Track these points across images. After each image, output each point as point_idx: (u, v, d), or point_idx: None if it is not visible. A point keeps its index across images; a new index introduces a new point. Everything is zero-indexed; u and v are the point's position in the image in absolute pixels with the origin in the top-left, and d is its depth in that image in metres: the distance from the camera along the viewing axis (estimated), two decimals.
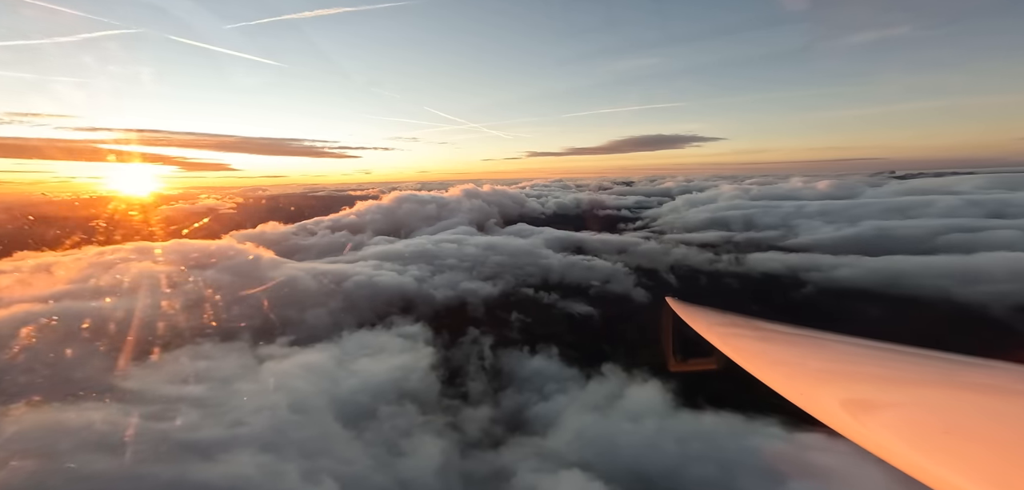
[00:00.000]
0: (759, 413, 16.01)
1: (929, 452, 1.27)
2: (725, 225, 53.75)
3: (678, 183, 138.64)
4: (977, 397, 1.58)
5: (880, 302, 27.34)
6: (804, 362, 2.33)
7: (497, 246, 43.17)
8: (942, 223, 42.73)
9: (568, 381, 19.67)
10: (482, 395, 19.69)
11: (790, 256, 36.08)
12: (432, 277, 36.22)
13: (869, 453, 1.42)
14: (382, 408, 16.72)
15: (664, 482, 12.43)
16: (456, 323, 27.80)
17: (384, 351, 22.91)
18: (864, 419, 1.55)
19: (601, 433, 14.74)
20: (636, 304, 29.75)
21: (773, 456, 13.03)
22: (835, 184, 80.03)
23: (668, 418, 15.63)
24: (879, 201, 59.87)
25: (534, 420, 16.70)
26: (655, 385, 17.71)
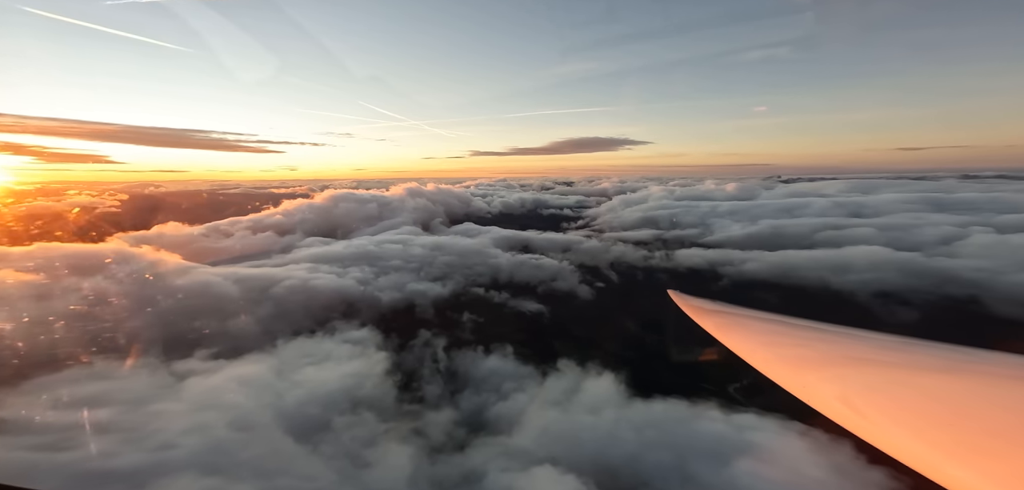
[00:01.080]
0: (700, 398, 17.38)
1: (932, 445, 1.25)
2: (655, 224, 57.21)
3: (614, 184, 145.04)
4: (979, 389, 1.58)
5: (778, 291, 30.32)
6: (804, 354, 2.31)
7: (445, 246, 42.15)
8: (818, 222, 48.46)
9: (525, 379, 19.66)
10: (440, 398, 19.07)
11: (709, 252, 39.03)
12: (376, 279, 34.48)
13: (868, 445, 1.40)
14: (337, 419, 15.65)
15: (626, 470, 12.72)
16: (406, 326, 26.74)
17: (330, 359, 21.45)
18: (864, 411, 1.53)
19: (564, 428, 14.86)
20: (582, 301, 30.49)
21: (717, 438, 13.80)
22: (739, 187, 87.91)
23: (624, 409, 16.08)
24: (772, 202, 66.71)
25: (497, 420, 16.47)
26: (608, 378, 18.23)
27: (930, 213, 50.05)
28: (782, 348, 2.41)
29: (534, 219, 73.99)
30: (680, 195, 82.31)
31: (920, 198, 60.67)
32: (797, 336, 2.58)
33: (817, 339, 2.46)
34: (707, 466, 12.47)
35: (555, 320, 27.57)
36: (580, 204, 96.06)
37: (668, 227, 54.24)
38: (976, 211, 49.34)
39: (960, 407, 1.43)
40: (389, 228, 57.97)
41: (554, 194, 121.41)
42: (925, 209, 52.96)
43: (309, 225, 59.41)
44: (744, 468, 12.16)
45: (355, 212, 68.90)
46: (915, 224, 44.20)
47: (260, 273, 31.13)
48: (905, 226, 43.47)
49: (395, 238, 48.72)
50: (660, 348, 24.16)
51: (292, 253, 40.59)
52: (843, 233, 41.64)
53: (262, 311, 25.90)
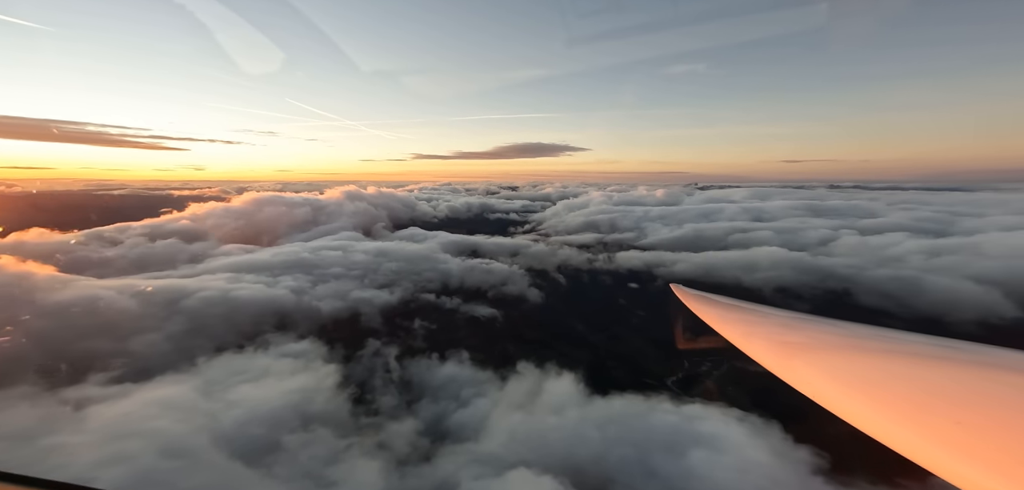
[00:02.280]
0: (652, 391, 18.39)
1: (937, 441, 1.26)
2: (596, 227, 59.38)
3: (557, 189, 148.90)
4: (985, 385, 1.59)
5: (705, 289, 32.69)
6: (794, 343, 2.37)
7: (390, 252, 40.26)
8: (729, 226, 53.16)
9: (484, 384, 19.32)
10: (398, 409, 18.10)
11: (644, 254, 41.12)
12: (314, 288, 32.09)
13: (864, 435, 1.46)
14: (287, 437, 14.27)
15: (594, 469, 12.88)
16: (352, 336, 25.21)
17: (268, 375, 19.41)
18: (849, 396, 1.60)
19: (531, 430, 14.69)
20: (533, 304, 30.64)
21: (671, 430, 14.40)
22: (666, 193, 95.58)
23: (585, 407, 16.31)
24: (693, 208, 72.40)
25: (460, 427, 15.92)
26: (568, 378, 18.42)
27: (811, 218, 57.84)
28: (774, 338, 2.48)
29: (481, 223, 73.57)
30: (617, 200, 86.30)
31: (802, 205, 69.94)
32: (788, 327, 2.69)
33: (806, 329, 2.59)
34: (666, 458, 12.99)
35: (508, 324, 27.50)
36: (525, 208, 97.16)
37: (609, 231, 56.27)
38: (843, 216, 58.10)
39: (949, 395, 1.48)
40: (326, 234, 54.07)
41: (500, 198, 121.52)
42: (806, 214, 61.04)
43: (226, 231, 52.92)
44: (699, 458, 12.85)
45: (284, 217, 63.02)
46: (800, 227, 50.54)
47: (165, 285, 27.52)
48: (794, 229, 49.43)
49: (333, 244, 45.66)
50: (610, 347, 25.18)
51: (205, 262, 36.47)
52: (749, 235, 46.46)
53: (172, 327, 23.01)
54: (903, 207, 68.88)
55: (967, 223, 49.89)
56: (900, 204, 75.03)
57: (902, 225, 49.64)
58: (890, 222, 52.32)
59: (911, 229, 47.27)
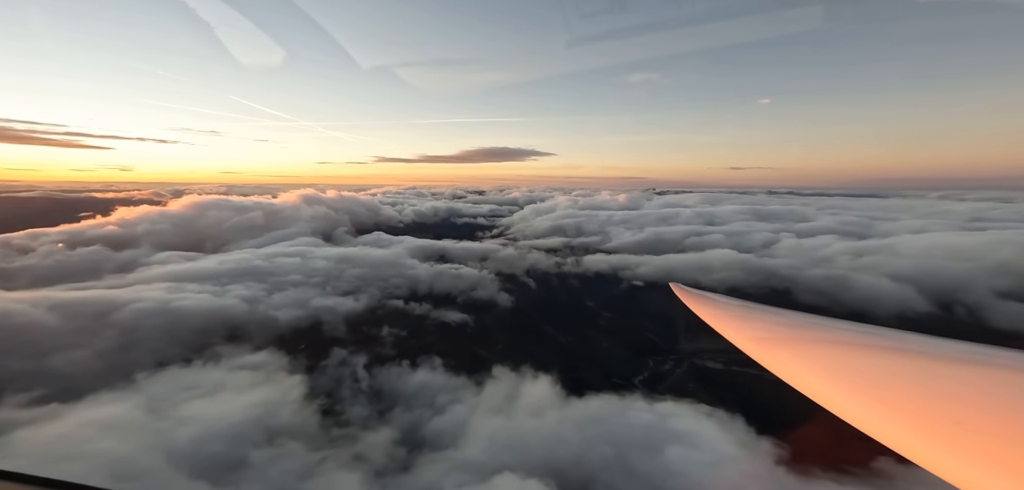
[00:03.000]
0: (622, 391, 18.92)
1: (937, 441, 1.25)
2: (563, 231, 60.31)
3: (523, 193, 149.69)
4: (985, 385, 1.59)
5: (666, 290, 34.48)
6: (788, 339, 2.39)
7: (354, 258, 38.71)
8: (686, 229, 55.82)
9: (459, 390, 19.00)
10: (370, 419, 17.40)
11: (610, 257, 42.17)
12: (269, 296, 30.39)
13: (862, 435, 1.46)
14: (254, 453, 13.39)
15: (575, 470, 12.96)
16: (315, 345, 24.13)
17: (224, 389, 18.17)
18: (862, 403, 1.58)
19: (512, 434, 14.56)
20: (504, 308, 30.49)
21: (646, 428, 14.80)
22: (628, 198, 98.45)
23: (563, 409, 16.42)
24: (653, 212, 75.36)
25: (438, 434, 15.52)
26: (544, 381, 18.47)
27: (755, 222, 61.93)
28: (773, 337, 2.48)
29: (448, 228, 72.33)
30: (583, 205, 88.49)
31: (747, 209, 74.68)
32: (788, 326, 2.71)
33: (805, 329, 2.62)
34: (644, 457, 13.30)
35: (480, 329, 27.25)
36: (493, 213, 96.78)
37: (575, 235, 57.34)
38: (782, 220, 62.67)
39: (949, 395, 1.49)
40: (281, 239, 51.03)
41: (467, 203, 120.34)
42: (751, 218, 65.41)
43: (162, 237, 48.56)
44: (675, 455, 13.25)
45: (232, 222, 58.82)
46: (747, 231, 53.89)
47: (90, 297, 25.24)
48: (741, 232, 52.64)
49: (291, 250, 43.33)
50: (581, 349, 25.49)
51: (137, 271, 33.60)
52: (703, 239, 49.04)
53: (102, 343, 21.13)
54: (830, 212, 75.70)
55: (883, 226, 55.53)
56: (828, 209, 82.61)
57: (831, 228, 54.32)
58: (821, 226, 57.00)
59: (838, 232, 51.67)
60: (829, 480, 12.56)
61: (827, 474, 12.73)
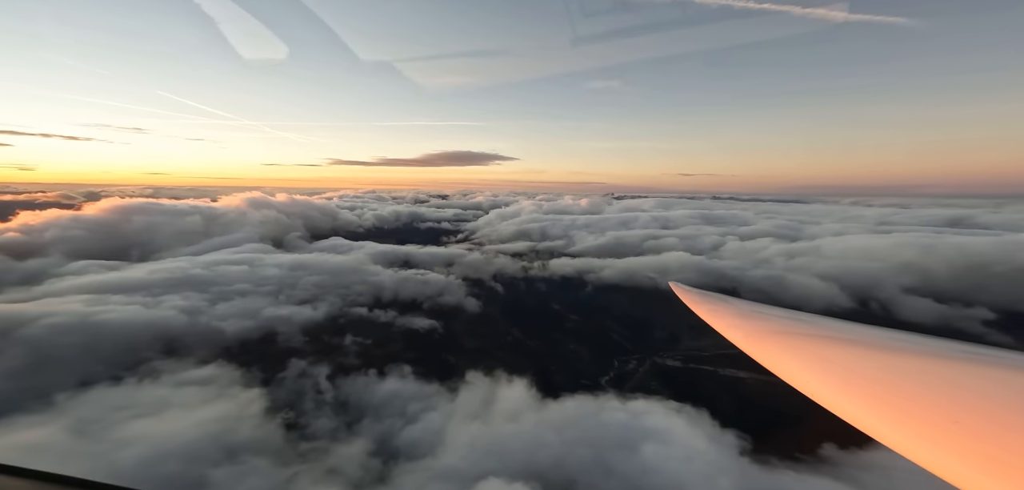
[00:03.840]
0: (594, 391, 19.34)
1: (936, 441, 1.25)
2: (528, 236, 61.00)
3: (487, 197, 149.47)
4: (984, 385, 1.59)
5: (628, 292, 35.27)
6: (786, 338, 2.42)
7: (310, 264, 36.71)
8: (644, 233, 58.08)
9: (432, 397, 18.64)
10: (337, 431, 16.61)
11: (575, 261, 43.11)
12: (213, 307, 28.42)
13: (858, 433, 1.46)
14: (214, 472, 12.61)
15: (556, 472, 13.04)
16: (270, 357, 22.90)
17: (169, 406, 16.91)
18: (860, 402, 1.59)
19: (491, 440, 14.43)
20: (472, 313, 30.19)
21: (621, 427, 15.13)
22: (590, 202, 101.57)
23: (540, 412, 16.51)
24: (613, 216, 77.34)
25: (413, 444, 15.07)
26: (519, 385, 18.50)
27: (705, 225, 65.52)
28: (771, 336, 2.49)
29: (411, 233, 70.65)
30: (547, 209, 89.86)
31: (697, 213, 78.92)
32: (786, 325, 2.74)
33: (803, 328, 2.64)
34: (621, 456, 13.59)
35: (449, 334, 26.81)
36: (458, 217, 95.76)
37: (540, 239, 58.23)
38: (727, 224, 66.83)
39: (947, 395, 1.49)
40: (224, 246, 47.40)
41: (430, 207, 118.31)
42: (701, 222, 69.19)
43: (76, 245, 43.40)
44: (650, 452, 13.60)
45: (163, 227, 53.78)
46: (697, 234, 56.99)
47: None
48: (693, 236, 55.68)
49: (236, 257, 40.44)
50: (549, 352, 25.69)
51: (46, 283, 30.21)
52: (660, 242, 51.34)
53: (8, 362, 19.17)
54: (767, 216, 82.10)
55: (810, 230, 60.78)
56: (764, 213, 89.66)
57: (768, 231, 58.55)
58: (760, 229, 61.14)
59: (774, 235, 55.31)
60: (788, 468, 13.60)
61: (785, 462, 13.79)
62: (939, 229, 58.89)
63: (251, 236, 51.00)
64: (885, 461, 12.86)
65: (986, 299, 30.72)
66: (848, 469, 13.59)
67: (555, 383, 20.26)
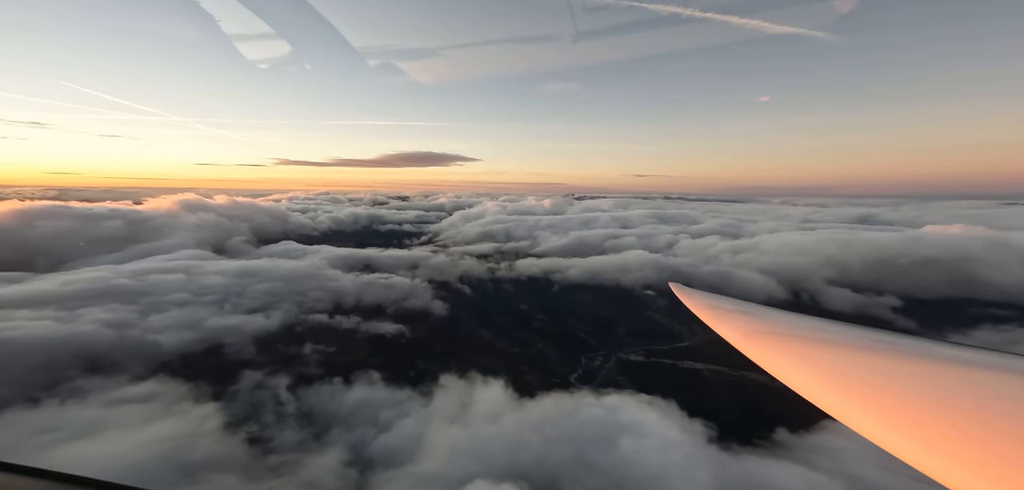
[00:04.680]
0: (563, 389, 19.66)
1: (931, 443, 1.26)
2: (493, 237, 61.20)
3: (450, 199, 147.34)
4: (979, 389, 1.59)
5: (592, 291, 36.33)
6: (783, 339, 2.44)
7: (260, 271, 34.42)
8: (605, 232, 59.95)
9: (405, 402, 18.31)
10: (305, 442, 15.90)
11: (541, 261, 43.69)
12: (144, 319, 26.30)
13: (852, 432, 1.49)
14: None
15: (539, 471, 13.17)
16: (218, 370, 21.69)
17: (105, 427, 15.63)
18: (855, 404, 1.61)
19: (472, 442, 14.44)
20: (441, 316, 29.85)
21: (598, 422, 15.46)
22: (553, 203, 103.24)
23: (518, 412, 16.67)
24: (576, 217, 79.19)
25: (390, 451, 14.72)
26: (494, 386, 18.60)
27: (660, 225, 68.76)
28: (769, 336, 2.54)
29: (371, 235, 68.40)
30: (511, 210, 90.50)
31: (652, 213, 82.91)
32: (785, 326, 2.78)
33: (801, 329, 2.70)
34: (601, 451, 13.84)
35: (417, 339, 26.30)
36: (420, 219, 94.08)
37: (505, 240, 58.57)
38: (679, 223, 70.54)
39: (942, 398, 1.50)
40: (153, 253, 43.25)
41: (390, 209, 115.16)
42: (656, 222, 72.48)
43: None
44: (628, 446, 13.96)
45: (76, 233, 48.13)
46: (654, 233, 59.73)
47: None
48: (649, 235, 58.17)
49: (169, 265, 37.25)
50: (519, 352, 25.86)
51: None
52: (620, 241, 53.21)
53: None
54: (712, 215, 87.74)
55: (749, 227, 65.75)
56: (710, 212, 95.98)
57: (715, 230, 62.46)
58: (707, 227, 65.33)
59: (720, 233, 59.15)
60: (751, 454, 14.58)
61: (746, 448, 14.84)
62: (852, 226, 66.83)
63: (186, 242, 46.70)
64: (832, 443, 14.60)
65: (893, 288, 34.94)
66: (801, 452, 14.86)
67: (528, 383, 20.53)
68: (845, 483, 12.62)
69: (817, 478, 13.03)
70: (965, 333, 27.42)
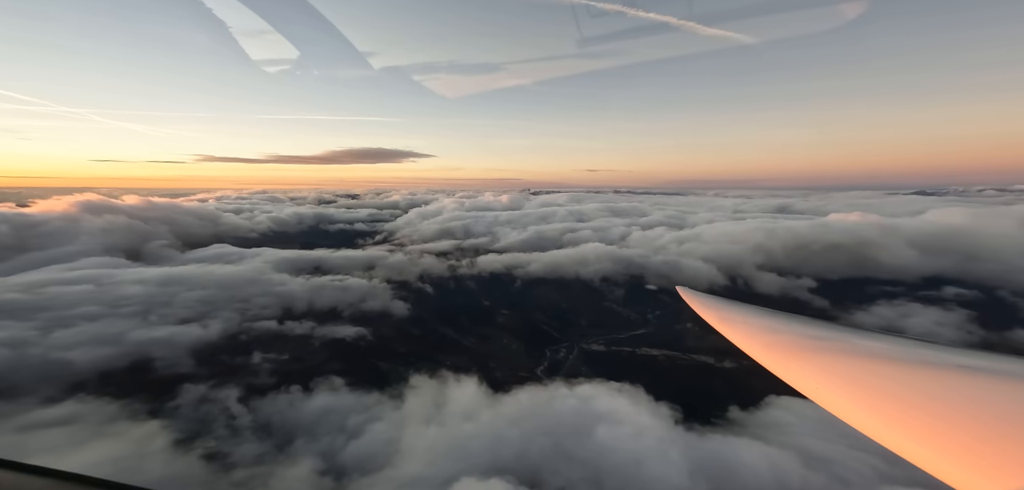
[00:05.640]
0: (537, 381, 20.27)
1: (924, 442, 1.31)
2: (452, 234, 60.66)
3: (404, 197, 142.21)
4: (986, 392, 1.60)
5: (554, 285, 37.28)
6: (791, 345, 2.46)
7: (189, 278, 31.65)
8: (562, 226, 61.42)
9: (374, 407, 18.07)
10: (267, 454, 15.25)
11: (502, 257, 43.87)
12: (46, 336, 23.96)
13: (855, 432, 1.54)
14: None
15: (521, 465, 13.37)
16: (152, 386, 19.80)
17: (27, 452, 14.61)
18: (840, 395, 1.67)
19: (450, 441, 14.58)
20: (403, 317, 29.41)
21: (572, 413, 15.87)
22: (510, 198, 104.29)
23: (494, 407, 16.94)
24: (533, 212, 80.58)
25: (366, 456, 14.55)
26: (468, 382, 18.80)
27: (612, 217, 71.94)
28: (771, 339, 2.60)
29: (319, 236, 65.13)
30: (469, 206, 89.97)
31: (604, 207, 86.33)
32: (786, 329, 2.83)
33: (803, 332, 2.75)
34: (578, 440, 14.34)
35: (380, 341, 25.71)
36: (373, 218, 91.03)
37: (463, 237, 58.24)
38: (630, 216, 74.03)
39: (941, 398, 1.53)
40: (49, 262, 38.25)
41: (339, 208, 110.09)
42: (609, 215, 75.68)
43: None
44: (604, 433, 14.52)
45: None
46: (608, 226, 62.15)
47: None
48: (604, 227, 60.38)
49: (73, 275, 33.46)
50: (486, 348, 26.32)
51: None
52: (577, 235, 54.77)
53: None
54: (659, 207, 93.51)
55: (691, 218, 70.21)
56: (657, 205, 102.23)
57: (662, 221, 65.83)
58: (655, 219, 68.98)
59: (667, 224, 62.69)
60: (712, 432, 15.63)
61: (707, 427, 15.96)
62: (773, 215, 74.55)
63: (91, 248, 41.49)
64: (779, 418, 16.24)
65: (809, 270, 39.40)
66: (755, 428, 16.23)
67: (497, 379, 20.89)
68: (796, 455, 13.72)
69: (773, 452, 14.06)
70: (866, 309, 31.22)
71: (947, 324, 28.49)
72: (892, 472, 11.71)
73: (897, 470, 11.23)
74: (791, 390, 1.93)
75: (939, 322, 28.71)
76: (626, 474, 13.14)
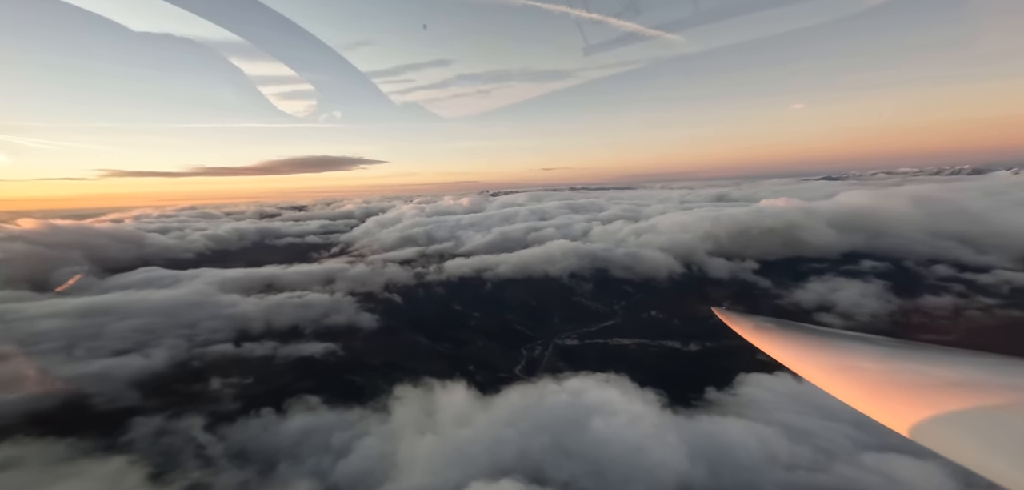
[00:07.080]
0: (511, 381, 20.78)
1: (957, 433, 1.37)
2: (415, 241, 60.32)
3: (358, 205, 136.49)
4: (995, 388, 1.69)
5: (525, 285, 38.35)
6: (832, 359, 2.55)
7: (117, 306, 29.40)
8: (526, 226, 62.96)
9: (359, 422, 18.12)
10: (249, 483, 14.86)
11: (469, 260, 44.33)
12: None
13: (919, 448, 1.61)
14: None
15: (523, 464, 13.74)
16: (96, 423, 18.65)
17: None
18: (889, 408, 1.75)
19: (449, 449, 14.93)
20: (372, 329, 29.25)
21: (565, 407, 16.39)
22: (471, 201, 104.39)
23: (487, 410, 17.42)
24: (495, 213, 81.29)
25: (361, 473, 14.69)
26: (456, 387, 19.27)
27: (573, 214, 74.47)
28: (817, 357, 2.66)
29: (266, 252, 62.11)
30: (430, 212, 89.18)
31: (564, 204, 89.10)
32: (825, 344, 2.88)
33: (839, 344, 2.84)
34: (576, 434, 14.83)
35: (351, 355, 25.42)
36: (326, 229, 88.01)
37: (427, 243, 58.09)
38: (589, 212, 77.23)
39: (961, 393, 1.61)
40: None
41: (285, 221, 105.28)
42: (569, 212, 78.28)
43: None
44: (599, 425, 15.16)
45: None
46: (569, 222, 64.58)
47: None
48: (566, 224, 62.69)
49: None
50: (462, 352, 26.90)
51: None
52: (541, 233, 56.40)
53: None
54: (615, 202, 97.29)
55: (646, 211, 73.44)
56: (612, 200, 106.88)
57: (619, 215, 68.86)
58: (613, 213, 72.15)
59: (624, 217, 65.66)
60: (697, 413, 16.65)
61: (690, 409, 17.04)
62: (715, 203, 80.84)
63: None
64: (755, 395, 17.64)
65: (751, 253, 43.30)
66: (736, 406, 17.50)
67: (481, 381, 21.51)
68: (781, 430, 14.78)
69: (760, 428, 15.01)
70: (802, 287, 34.77)
71: (869, 295, 32.27)
72: (864, 438, 13.16)
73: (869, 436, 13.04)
74: (759, 366, 2.65)
75: (863, 293, 32.47)
76: (629, 462, 13.79)
